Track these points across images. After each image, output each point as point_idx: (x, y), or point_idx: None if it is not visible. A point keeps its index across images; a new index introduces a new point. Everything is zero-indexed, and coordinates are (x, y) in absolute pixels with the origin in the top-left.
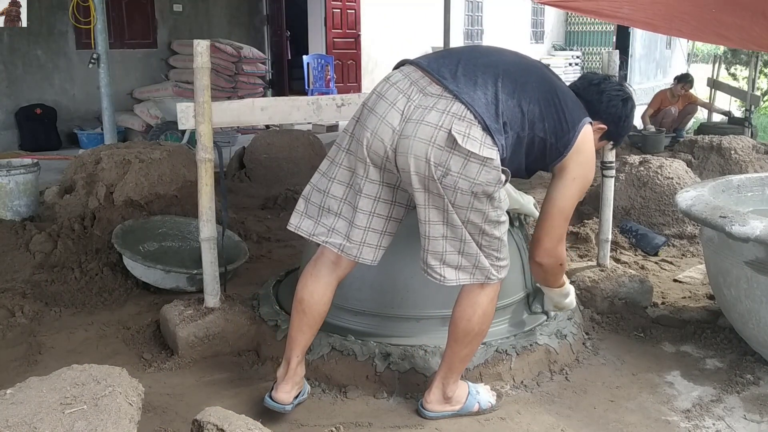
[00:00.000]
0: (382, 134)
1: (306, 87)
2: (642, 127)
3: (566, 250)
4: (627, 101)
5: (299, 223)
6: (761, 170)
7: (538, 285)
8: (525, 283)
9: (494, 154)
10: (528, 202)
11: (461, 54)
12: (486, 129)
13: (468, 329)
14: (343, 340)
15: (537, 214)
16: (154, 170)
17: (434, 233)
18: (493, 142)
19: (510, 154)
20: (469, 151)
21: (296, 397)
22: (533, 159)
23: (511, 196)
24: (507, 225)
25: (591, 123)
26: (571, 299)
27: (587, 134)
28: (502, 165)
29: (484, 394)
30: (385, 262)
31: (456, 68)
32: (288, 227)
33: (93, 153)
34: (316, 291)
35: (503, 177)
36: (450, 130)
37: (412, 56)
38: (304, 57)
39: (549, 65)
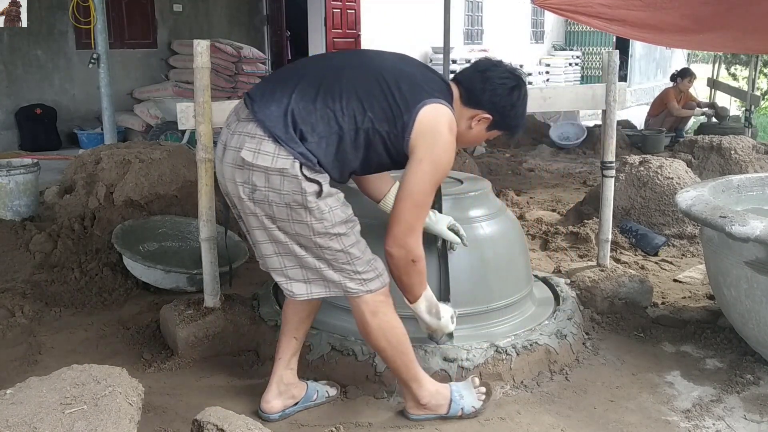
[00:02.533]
0: (217, 169)
1: None
2: (675, 115)
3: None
4: (514, 89)
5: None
6: (761, 170)
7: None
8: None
9: (288, 164)
10: (437, 222)
11: (280, 73)
12: (277, 141)
13: (379, 348)
14: (343, 340)
15: (449, 235)
16: (154, 170)
17: (265, 251)
18: (288, 153)
19: (333, 157)
20: (262, 166)
21: (295, 404)
22: (379, 152)
23: None
24: (353, 237)
25: (442, 103)
26: (446, 319)
27: (430, 115)
28: (325, 170)
29: (468, 398)
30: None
31: (265, 88)
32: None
33: (93, 153)
34: (290, 304)
35: (311, 186)
36: (241, 150)
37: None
38: None
39: (549, 65)
